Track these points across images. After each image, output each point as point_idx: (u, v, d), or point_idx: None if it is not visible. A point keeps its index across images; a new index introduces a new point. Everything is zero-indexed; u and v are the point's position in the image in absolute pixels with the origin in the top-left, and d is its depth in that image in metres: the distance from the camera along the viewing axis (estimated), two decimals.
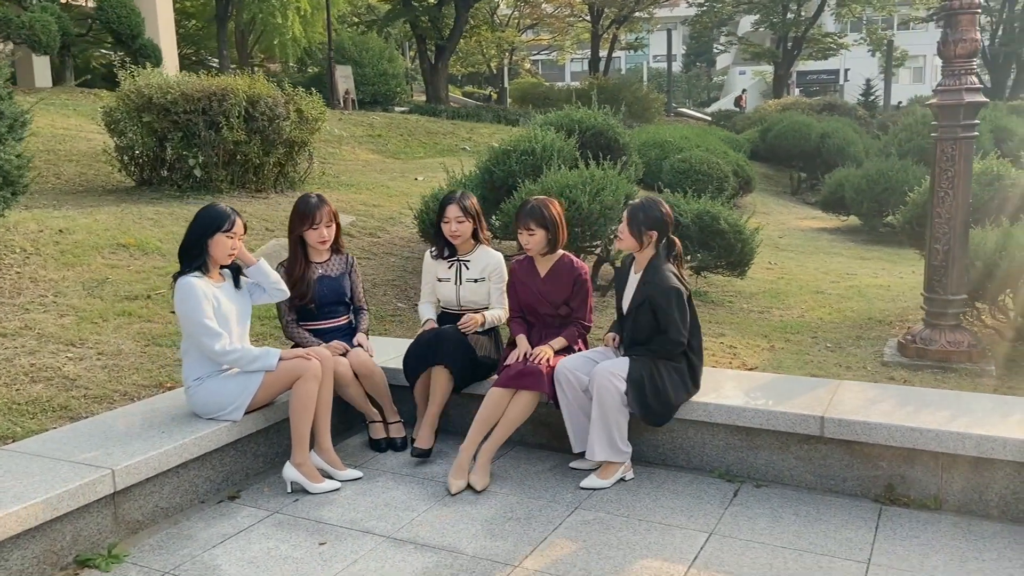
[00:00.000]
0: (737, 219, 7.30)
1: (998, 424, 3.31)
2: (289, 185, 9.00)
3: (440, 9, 26.15)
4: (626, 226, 3.75)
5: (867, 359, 5.46)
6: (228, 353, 3.53)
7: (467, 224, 4.08)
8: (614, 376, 3.54)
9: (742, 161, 13.91)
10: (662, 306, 3.63)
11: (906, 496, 3.44)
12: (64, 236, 6.49)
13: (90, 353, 4.69)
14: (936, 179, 5.14)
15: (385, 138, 15.75)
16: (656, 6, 35.15)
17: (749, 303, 7.50)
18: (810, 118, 18.12)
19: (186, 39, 30.83)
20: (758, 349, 5.78)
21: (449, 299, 4.20)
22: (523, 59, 51.48)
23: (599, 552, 3.07)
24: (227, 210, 3.65)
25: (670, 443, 3.88)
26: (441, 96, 25.55)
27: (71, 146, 10.76)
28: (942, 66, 5.09)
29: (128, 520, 3.25)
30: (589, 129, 7.43)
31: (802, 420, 3.54)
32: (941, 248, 5.16)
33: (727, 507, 3.44)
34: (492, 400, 3.72)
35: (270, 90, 8.52)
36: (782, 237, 11.96)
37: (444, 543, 3.17)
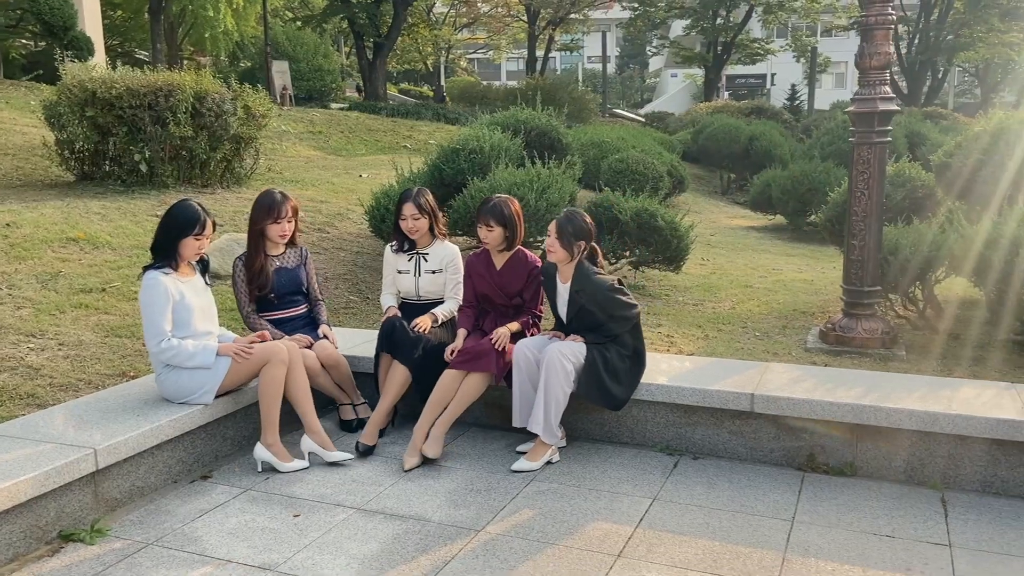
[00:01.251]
0: (673, 217, 7.70)
1: (904, 398, 3.73)
2: (235, 181, 9.07)
3: (378, 6, 26.15)
4: (556, 239, 4.00)
5: (792, 346, 5.90)
6: (163, 351, 3.68)
7: (423, 220, 4.33)
8: (564, 357, 3.83)
9: (676, 162, 14.42)
10: (608, 303, 3.94)
11: (825, 464, 3.84)
12: (12, 230, 6.49)
13: (51, 344, 4.78)
14: (853, 180, 5.59)
15: (326, 135, 15.80)
16: (591, 8, 35.82)
17: (684, 296, 7.91)
18: (739, 121, 18.82)
19: (112, 30, 30.05)
20: (693, 338, 6.17)
21: (408, 290, 4.45)
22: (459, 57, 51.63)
23: (555, 517, 3.37)
24: (198, 213, 3.80)
25: (615, 421, 4.20)
26: (380, 93, 25.57)
27: (6, 140, 10.58)
28: (859, 76, 5.55)
29: (107, 498, 3.41)
30: (533, 129, 7.74)
31: (734, 397, 3.91)
32: (858, 244, 5.62)
33: (668, 476, 3.78)
34: (444, 382, 3.98)
35: (217, 86, 8.58)
36: (714, 235, 12.48)
37: (411, 513, 3.42)
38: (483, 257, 4.34)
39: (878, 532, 3.22)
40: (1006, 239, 5.03)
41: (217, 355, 3.79)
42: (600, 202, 7.97)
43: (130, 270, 6.10)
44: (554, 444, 3.92)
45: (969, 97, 46.47)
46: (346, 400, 4.37)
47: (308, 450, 3.85)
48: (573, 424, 4.25)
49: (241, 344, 3.87)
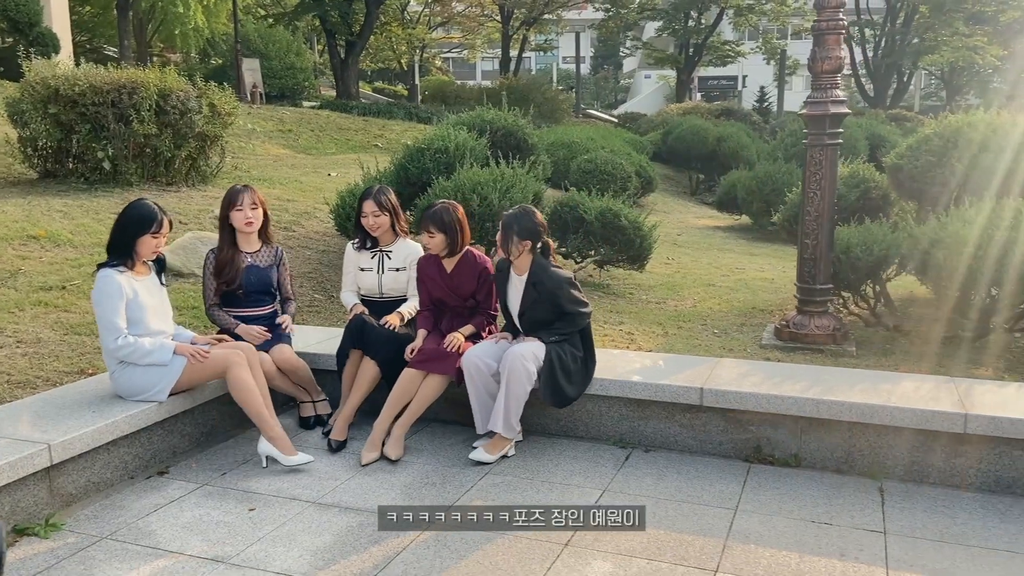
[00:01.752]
0: (637, 216, 7.82)
1: (845, 392, 3.85)
2: (201, 179, 9.05)
3: (350, 5, 26.08)
4: (502, 238, 4.09)
5: (748, 343, 6.04)
6: (120, 348, 3.71)
7: (384, 217, 4.39)
8: (526, 359, 3.91)
9: (644, 162, 14.58)
10: (562, 297, 4.03)
11: (771, 455, 3.95)
12: None
13: (9, 341, 4.78)
14: (806, 181, 5.74)
15: (296, 133, 15.77)
16: (564, 9, 35.98)
17: (647, 294, 8.03)
18: (708, 122, 19.05)
19: (80, 26, 29.72)
20: (653, 335, 6.28)
21: (371, 288, 4.50)
22: (434, 56, 51.59)
23: None
24: (155, 211, 3.83)
25: (570, 416, 4.29)
26: (352, 92, 25.51)
27: None
28: (811, 80, 5.69)
29: (62, 493, 3.44)
30: (500, 129, 7.82)
31: (684, 391, 4.01)
32: (810, 243, 5.76)
33: (619, 469, 3.88)
34: (405, 380, 4.05)
35: (182, 84, 8.57)
36: (680, 235, 12.64)
37: (366, 506, 3.48)
38: (433, 260, 4.35)
39: (816, 520, 3.34)
40: (950, 238, 5.18)
41: (174, 354, 3.82)
42: (566, 202, 8.08)
43: (91, 268, 6.04)
44: (512, 439, 4.00)
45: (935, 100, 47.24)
46: (306, 398, 4.42)
47: (265, 453, 3.83)
48: (530, 419, 4.32)
49: (198, 347, 3.89)
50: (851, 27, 30.25)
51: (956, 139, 6.17)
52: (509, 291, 4.20)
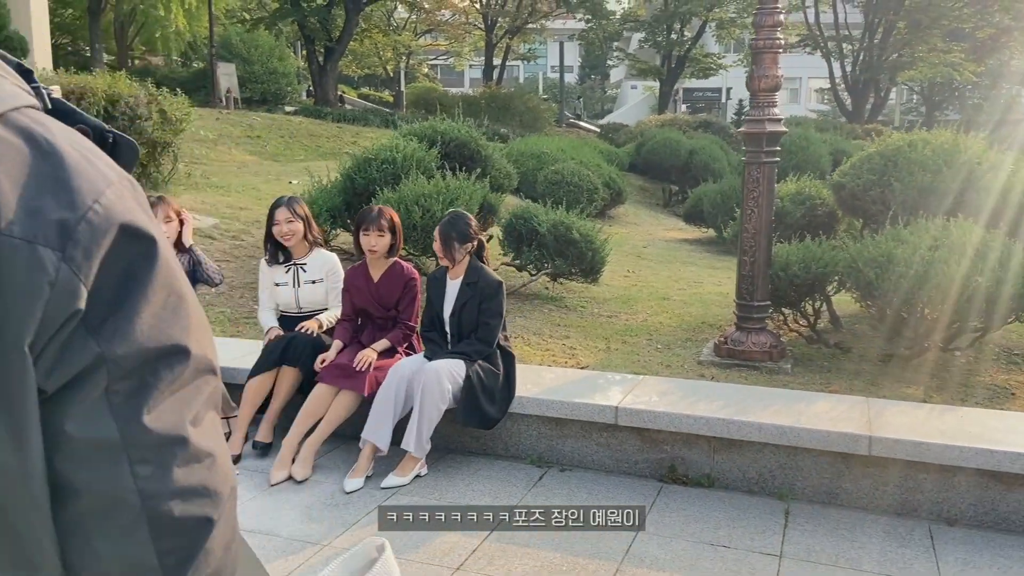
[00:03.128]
0: (590, 229, 7.80)
1: (759, 412, 3.83)
2: (152, 186, 8.97)
3: (329, 11, 26.05)
4: (441, 246, 4.09)
5: (688, 359, 6.01)
6: None
7: (296, 224, 4.34)
8: (441, 375, 3.86)
9: (614, 174, 14.57)
10: (490, 297, 4.01)
11: (685, 476, 3.93)
12: None
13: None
14: (744, 199, 5.73)
15: (265, 139, 15.70)
16: (547, 19, 36.10)
17: (600, 308, 8.01)
18: (680, 135, 19.08)
19: (62, 28, 29.59)
20: (595, 350, 6.25)
21: (288, 302, 4.45)
22: (420, 63, 51.64)
23: (406, 532, 3.40)
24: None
25: (491, 434, 4.24)
26: (330, 98, 25.47)
27: None
28: (750, 98, 5.69)
29: None
30: (452, 140, 7.79)
31: (600, 410, 3.98)
32: (748, 260, 5.75)
33: (530, 489, 3.84)
34: (316, 395, 4.00)
35: (132, 89, 8.50)
36: (646, 247, 12.64)
37: (262, 528, 3.42)
38: (361, 270, 4.37)
39: (716, 543, 3.31)
40: (883, 257, 5.18)
41: None
42: (520, 214, 8.05)
43: None
44: (422, 458, 3.95)
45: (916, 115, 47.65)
46: None
47: None
48: (449, 437, 4.28)
49: None
50: (829, 41, 30.49)
51: (896, 158, 6.18)
52: (445, 296, 4.17)
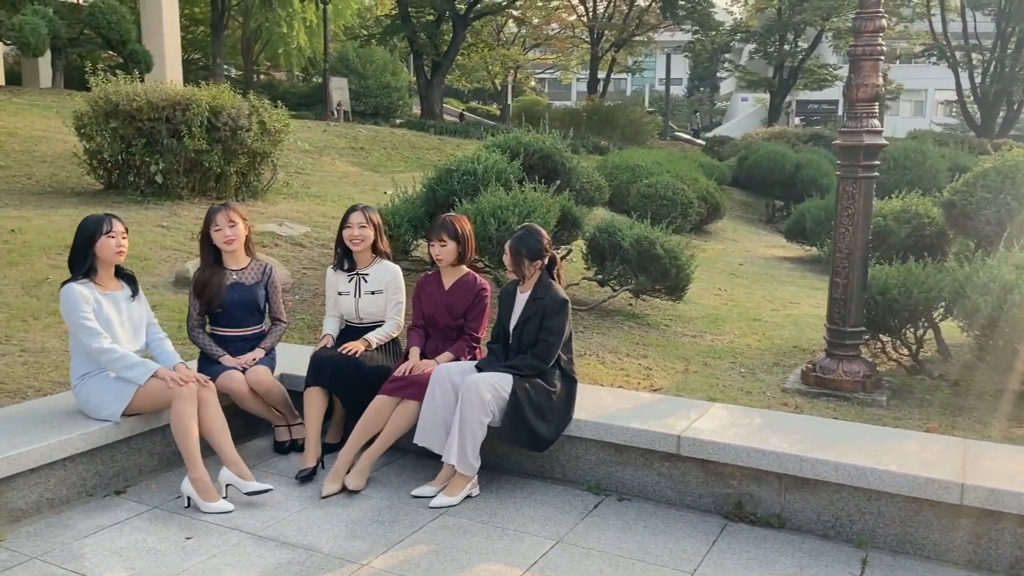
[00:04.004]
0: (674, 245, 7.51)
1: (838, 449, 3.50)
2: (251, 194, 9.23)
3: (438, 26, 26.53)
4: (510, 260, 3.95)
5: (772, 385, 5.66)
6: (104, 352, 3.69)
7: (368, 230, 4.30)
8: (482, 387, 3.71)
9: (712, 187, 14.13)
10: (552, 314, 3.85)
11: (753, 514, 3.63)
12: (14, 236, 6.72)
13: (13, 350, 4.90)
14: (839, 215, 5.35)
15: (368, 151, 16.02)
16: (655, 31, 35.62)
17: (685, 327, 7.69)
18: (786, 148, 18.35)
19: (194, 44, 31.33)
20: (672, 372, 5.97)
21: (349, 312, 4.41)
22: (527, 77, 52.01)
23: (447, 555, 3.26)
24: (101, 216, 3.86)
25: (548, 456, 4.06)
26: (435, 111, 25.87)
27: (47, 148, 11.02)
28: (847, 108, 5.32)
29: (10, 508, 3.44)
30: (536, 152, 7.66)
31: (661, 438, 3.74)
32: (841, 282, 5.36)
33: (584, 518, 3.63)
34: (375, 408, 3.92)
35: (235, 101, 8.77)
36: (742, 264, 12.15)
37: (305, 542, 3.36)
38: (434, 277, 4.34)
39: None
40: (993, 282, 4.72)
41: (155, 376, 3.76)
42: (604, 228, 7.84)
43: None
44: (473, 477, 3.80)
45: None
46: (281, 422, 4.34)
47: (226, 482, 3.70)
48: (505, 457, 4.13)
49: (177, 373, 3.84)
50: (956, 51, 28.82)
51: (1014, 175, 5.65)
52: (513, 310, 4.04)
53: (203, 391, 3.80)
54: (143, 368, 3.75)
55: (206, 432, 3.77)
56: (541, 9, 36.73)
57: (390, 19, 29.03)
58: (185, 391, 3.72)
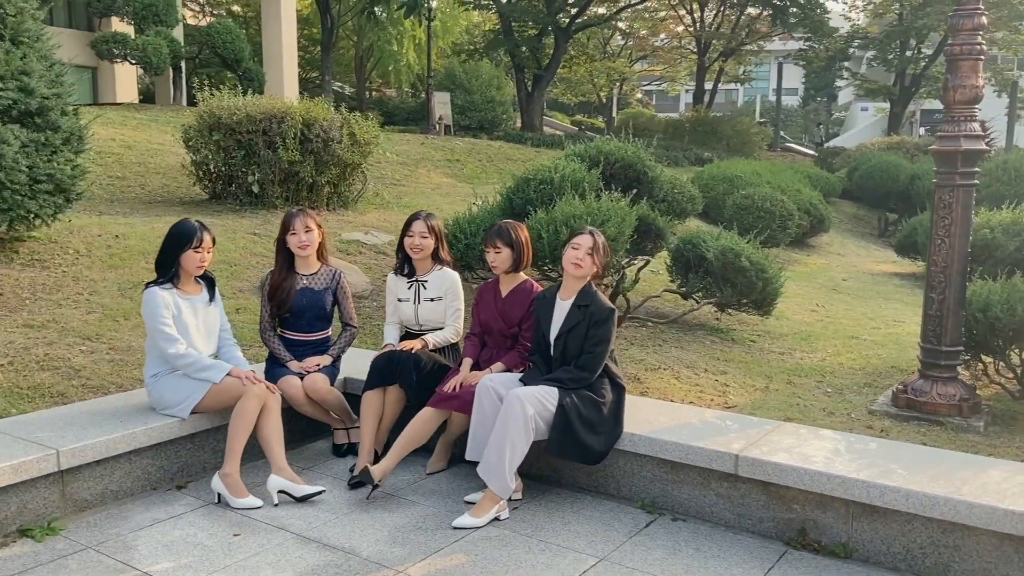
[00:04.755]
0: (761, 258, 7.20)
1: (911, 475, 3.23)
2: (342, 204, 9.46)
3: (540, 40, 26.65)
4: (589, 255, 3.82)
5: (859, 407, 5.32)
6: (180, 357, 3.84)
7: (429, 240, 4.31)
8: (525, 400, 3.61)
9: (816, 199, 13.54)
10: (599, 323, 3.73)
11: (817, 542, 3.40)
12: (118, 241, 7.09)
13: (103, 347, 5.15)
14: (934, 226, 5.00)
15: (463, 163, 16.20)
16: (766, 40, 34.65)
17: (773, 344, 7.36)
18: (901, 159, 17.41)
19: (311, 64, 32.70)
20: (751, 389, 5.71)
21: (409, 319, 4.41)
22: (633, 89, 51.59)
23: (484, 566, 3.19)
24: (195, 228, 3.97)
25: (602, 471, 3.94)
26: (535, 124, 25.94)
27: (161, 160, 11.64)
28: (944, 111, 4.96)
29: (76, 499, 3.60)
30: (618, 161, 7.53)
31: (718, 456, 3.55)
32: (936, 298, 5.00)
33: (632, 536, 3.49)
34: (422, 419, 3.90)
35: (327, 113, 9.01)
36: (846, 280, 11.58)
37: (346, 545, 3.35)
38: (491, 285, 4.31)
39: None
40: None
41: (228, 375, 3.89)
42: (688, 239, 7.62)
43: None
44: (505, 499, 3.64)
45: None
46: (339, 425, 4.39)
47: (277, 488, 3.75)
48: (559, 471, 4.03)
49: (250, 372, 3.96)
50: None
51: None
52: (553, 317, 3.92)
53: (269, 397, 3.88)
54: (217, 368, 3.87)
55: (263, 437, 3.84)
56: (648, 20, 36.36)
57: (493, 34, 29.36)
58: (256, 390, 3.82)
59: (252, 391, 3.81)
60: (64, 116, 6.21)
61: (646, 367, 5.99)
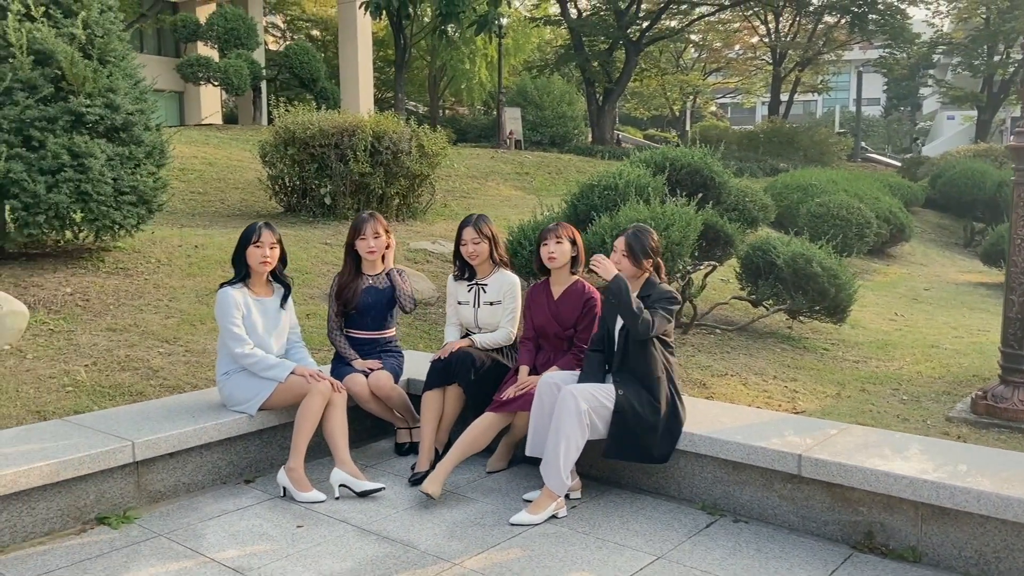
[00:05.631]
0: (834, 263, 7.04)
1: (988, 478, 3.10)
2: (411, 215, 9.63)
3: (610, 54, 26.65)
4: (625, 256, 3.84)
5: (936, 414, 5.14)
6: (246, 357, 3.97)
7: (483, 244, 4.34)
8: (579, 397, 3.59)
9: (896, 207, 13.14)
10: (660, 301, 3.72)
11: (884, 545, 3.28)
12: (197, 251, 7.38)
13: (179, 350, 5.36)
14: (1013, 226, 4.80)
15: (532, 175, 16.29)
16: (844, 49, 33.85)
17: (847, 352, 7.17)
18: (986, 165, 16.74)
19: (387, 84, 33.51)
20: (821, 396, 5.57)
21: (468, 321, 4.46)
22: (707, 102, 51.04)
23: (540, 561, 3.19)
24: (255, 225, 4.12)
25: (662, 472, 3.89)
26: (606, 137, 25.91)
27: (240, 176, 12.08)
28: (1021, 105, 4.76)
29: (150, 490, 3.75)
30: (684, 167, 7.46)
31: (780, 457, 3.47)
32: (1017, 299, 4.81)
33: (691, 536, 3.44)
34: (483, 425, 3.92)
35: (397, 126, 9.21)
36: (927, 289, 11.18)
37: (404, 538, 3.40)
38: (542, 287, 4.29)
39: None
40: None
41: (293, 373, 4.02)
42: (759, 245, 7.50)
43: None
44: (561, 496, 3.64)
45: None
46: (402, 424, 4.46)
47: (339, 482, 3.83)
48: (619, 471, 4.01)
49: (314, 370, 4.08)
50: None
51: None
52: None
53: (335, 394, 3.98)
54: (282, 368, 3.99)
55: (328, 432, 3.93)
56: (721, 32, 35.97)
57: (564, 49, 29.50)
58: (321, 387, 3.93)
59: (317, 388, 3.92)
60: (147, 131, 6.52)
61: (713, 373, 5.90)
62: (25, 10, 5.88)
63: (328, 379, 4.04)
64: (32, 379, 4.69)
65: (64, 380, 4.71)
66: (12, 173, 5.63)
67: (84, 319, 5.63)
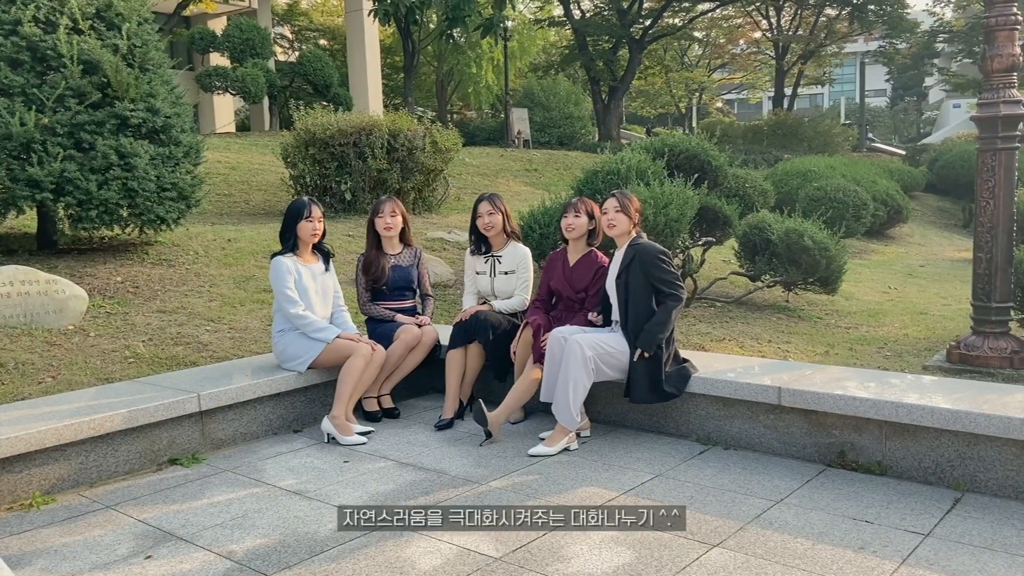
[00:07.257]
0: (824, 237, 7.51)
1: (941, 398, 3.59)
2: (427, 208, 10.16)
3: (615, 52, 27.15)
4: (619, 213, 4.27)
5: (913, 366, 5.61)
6: (299, 318, 4.51)
7: (497, 216, 4.87)
8: (584, 345, 4.09)
9: (893, 190, 13.58)
10: (653, 263, 4.13)
11: (855, 461, 3.78)
12: (230, 244, 7.94)
13: (224, 327, 5.90)
14: (979, 189, 5.27)
15: (540, 172, 16.81)
16: (847, 40, 34.20)
17: (840, 320, 7.63)
18: None
19: (395, 90, 34.09)
20: (811, 354, 6.04)
21: (486, 290, 4.98)
22: (712, 99, 51.38)
23: (556, 481, 3.70)
24: (305, 201, 4.68)
25: (661, 411, 4.40)
26: (612, 135, 26.39)
27: (262, 178, 12.64)
28: (983, 80, 5.25)
29: (213, 438, 4.28)
30: (682, 152, 7.96)
31: (763, 390, 3.97)
32: (984, 257, 5.27)
33: (687, 460, 3.94)
34: (530, 379, 4.39)
35: (411, 124, 9.75)
36: (923, 266, 11.62)
37: (437, 467, 3.92)
38: (560, 254, 4.79)
39: (858, 517, 3.19)
40: None
41: (338, 337, 4.55)
42: (755, 224, 7.98)
43: None
44: (572, 431, 4.14)
45: None
46: (373, 393, 4.84)
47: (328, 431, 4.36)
48: (624, 414, 4.51)
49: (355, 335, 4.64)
50: None
51: None
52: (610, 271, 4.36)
53: (376, 354, 4.53)
54: (329, 330, 4.54)
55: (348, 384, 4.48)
56: (724, 29, 36.38)
57: (569, 50, 30.01)
58: (364, 349, 4.49)
59: (360, 351, 4.46)
60: (183, 133, 7.07)
61: (712, 339, 6.39)
62: (73, 24, 6.44)
63: (369, 342, 4.58)
64: (97, 352, 5.23)
65: (126, 353, 5.25)
66: (67, 172, 6.19)
67: (136, 303, 6.18)
